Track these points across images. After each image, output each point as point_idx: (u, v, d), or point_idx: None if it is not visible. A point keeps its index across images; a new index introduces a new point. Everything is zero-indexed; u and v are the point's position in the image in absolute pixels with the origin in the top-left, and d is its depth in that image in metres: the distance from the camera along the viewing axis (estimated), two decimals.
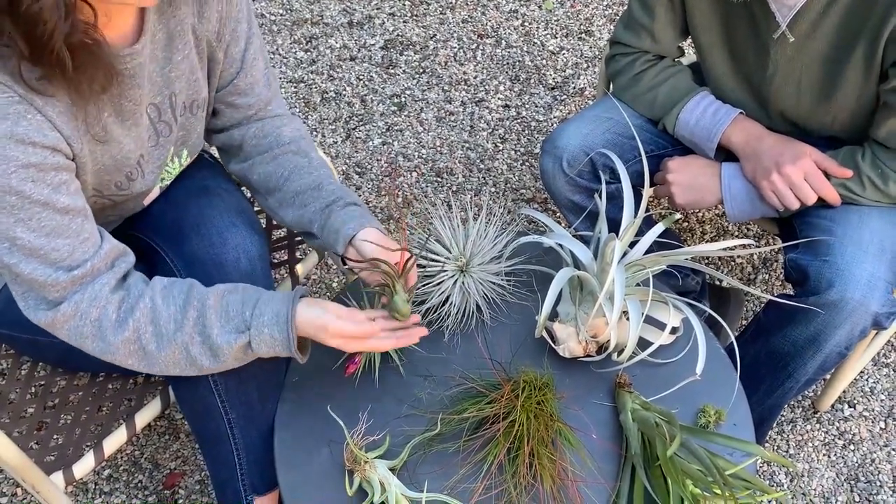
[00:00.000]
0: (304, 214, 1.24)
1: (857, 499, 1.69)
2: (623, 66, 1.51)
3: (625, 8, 2.68)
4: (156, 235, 1.30)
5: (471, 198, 2.18)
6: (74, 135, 1.00)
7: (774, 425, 1.78)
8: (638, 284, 1.24)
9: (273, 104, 1.31)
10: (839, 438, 1.77)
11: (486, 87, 2.46)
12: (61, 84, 0.95)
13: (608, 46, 1.57)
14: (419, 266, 1.28)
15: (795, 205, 1.34)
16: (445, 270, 1.26)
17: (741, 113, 1.42)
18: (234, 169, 1.34)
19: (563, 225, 1.83)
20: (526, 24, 2.64)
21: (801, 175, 1.32)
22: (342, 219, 1.19)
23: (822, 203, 1.35)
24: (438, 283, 1.26)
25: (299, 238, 1.61)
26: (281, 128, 1.30)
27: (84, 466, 1.29)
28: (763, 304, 1.48)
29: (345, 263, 1.20)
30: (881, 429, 1.78)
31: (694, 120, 1.43)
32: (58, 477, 1.26)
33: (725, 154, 1.45)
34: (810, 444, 1.76)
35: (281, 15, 2.65)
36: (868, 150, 1.32)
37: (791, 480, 1.72)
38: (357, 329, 1.09)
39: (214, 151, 2.28)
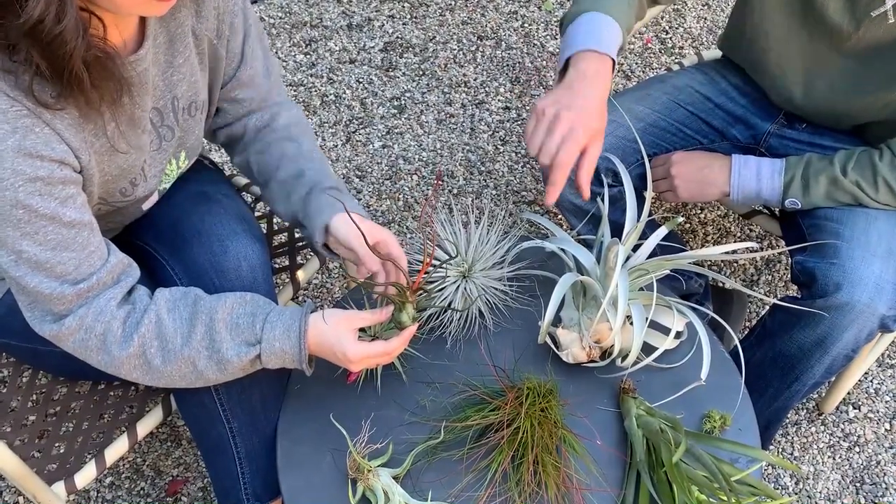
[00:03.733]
0: (290, 206, 1.24)
1: (862, 501, 1.68)
2: None
3: None
4: (156, 243, 1.30)
5: (472, 200, 2.17)
6: (82, 146, 1.00)
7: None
8: (641, 289, 1.23)
9: (273, 92, 1.31)
10: (844, 440, 1.76)
11: (487, 88, 2.45)
12: (76, 99, 0.95)
13: None
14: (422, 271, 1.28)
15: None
16: (448, 276, 1.26)
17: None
18: (237, 161, 1.35)
19: (565, 228, 1.82)
20: (526, 25, 2.63)
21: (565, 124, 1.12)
22: (319, 206, 1.19)
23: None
24: (441, 289, 1.25)
25: (301, 243, 1.60)
26: (278, 114, 1.31)
27: (85, 476, 1.28)
28: (767, 306, 1.47)
29: (331, 251, 1.21)
30: (886, 430, 1.78)
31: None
32: (59, 487, 1.26)
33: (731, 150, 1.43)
34: (815, 447, 1.75)
35: (280, 18, 2.64)
36: (888, 152, 1.30)
37: (796, 483, 1.71)
38: (380, 348, 1.10)
39: (214, 156, 2.27)
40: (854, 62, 1.32)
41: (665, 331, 1.23)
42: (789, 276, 1.72)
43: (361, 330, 1.13)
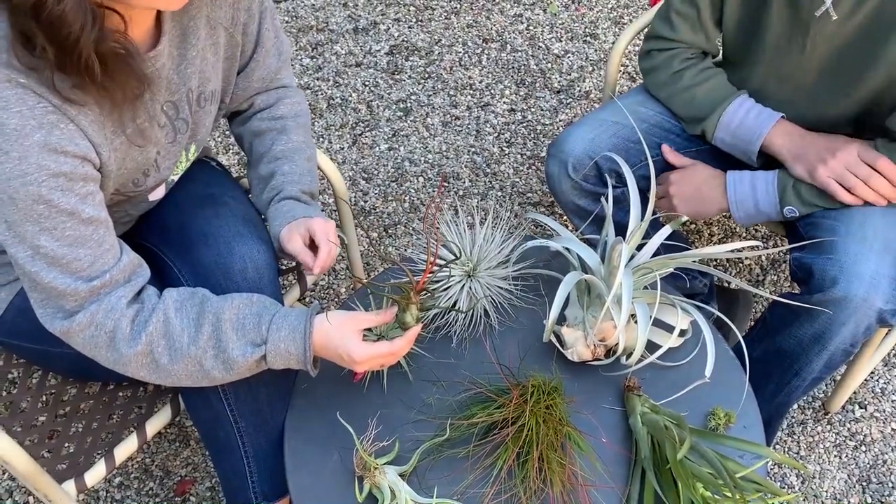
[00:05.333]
0: (261, 205, 1.33)
1: (868, 500, 1.68)
2: (660, 61, 1.49)
3: (629, 10, 2.68)
4: (163, 244, 1.31)
5: (477, 202, 2.18)
6: (103, 143, 1.02)
7: (785, 426, 1.77)
8: (646, 287, 1.24)
9: (282, 73, 1.36)
10: (850, 440, 1.76)
11: (492, 91, 2.46)
12: (94, 92, 0.96)
13: (644, 42, 1.53)
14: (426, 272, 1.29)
15: (847, 199, 1.32)
16: (453, 276, 1.26)
17: (783, 116, 1.40)
18: (235, 131, 1.41)
19: (569, 229, 1.83)
20: (531, 27, 2.64)
21: (842, 167, 1.30)
22: (276, 213, 1.28)
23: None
24: (446, 289, 1.26)
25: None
26: (282, 100, 1.36)
27: (95, 475, 1.29)
28: (769, 304, 1.48)
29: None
30: (893, 429, 1.77)
31: (737, 121, 1.41)
32: (69, 485, 1.27)
33: (734, 164, 1.45)
34: (821, 446, 1.75)
35: (286, 22, 2.66)
36: (879, 145, 1.31)
37: (802, 482, 1.71)
38: (385, 349, 1.10)
39: (223, 158, 2.29)
40: (820, 73, 1.35)
41: (670, 329, 1.24)
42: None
43: (367, 331, 1.14)
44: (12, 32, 0.90)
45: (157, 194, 1.26)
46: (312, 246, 1.26)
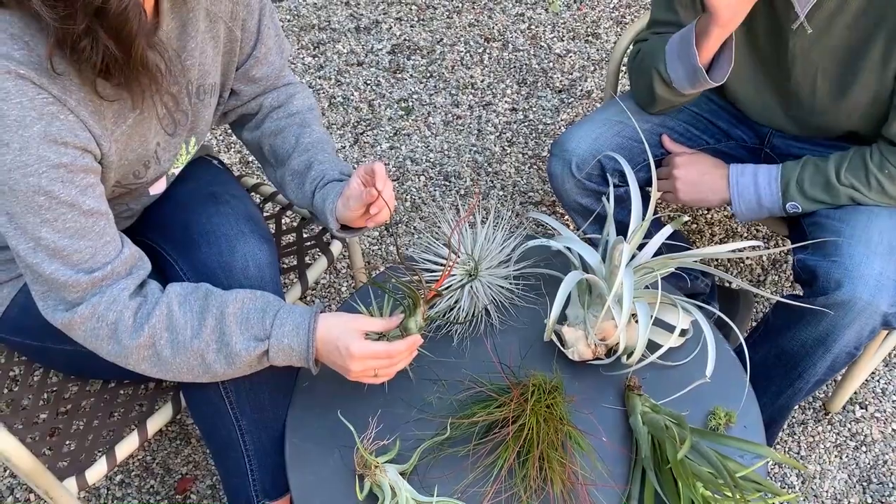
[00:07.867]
0: (302, 196, 1.30)
1: (869, 500, 1.68)
2: (656, 39, 1.43)
3: (631, 10, 2.68)
4: (164, 242, 1.31)
5: (478, 201, 2.18)
6: (104, 134, 1.02)
7: (785, 426, 1.77)
8: (647, 287, 1.24)
9: (285, 71, 1.35)
10: (851, 440, 1.76)
11: (494, 90, 2.46)
12: (135, 87, 0.98)
13: (646, 29, 1.49)
14: (427, 271, 1.29)
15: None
16: (454, 275, 1.27)
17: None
18: (247, 137, 1.38)
19: (571, 228, 1.83)
20: (532, 27, 2.64)
21: None
22: (323, 198, 1.25)
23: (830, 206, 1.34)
24: (447, 288, 1.26)
25: (309, 243, 1.62)
26: (293, 96, 1.35)
27: (96, 472, 1.29)
28: (772, 305, 1.48)
29: (347, 229, 1.26)
30: (893, 430, 1.77)
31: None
32: (70, 483, 1.27)
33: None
34: (822, 446, 1.75)
35: (288, 21, 2.66)
36: (877, 151, 1.31)
37: (803, 482, 1.71)
38: (383, 348, 1.09)
39: (224, 157, 2.29)
40: (806, 80, 1.36)
41: (670, 329, 1.24)
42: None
43: (368, 335, 1.14)
44: (55, 40, 0.91)
45: (158, 188, 1.26)
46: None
